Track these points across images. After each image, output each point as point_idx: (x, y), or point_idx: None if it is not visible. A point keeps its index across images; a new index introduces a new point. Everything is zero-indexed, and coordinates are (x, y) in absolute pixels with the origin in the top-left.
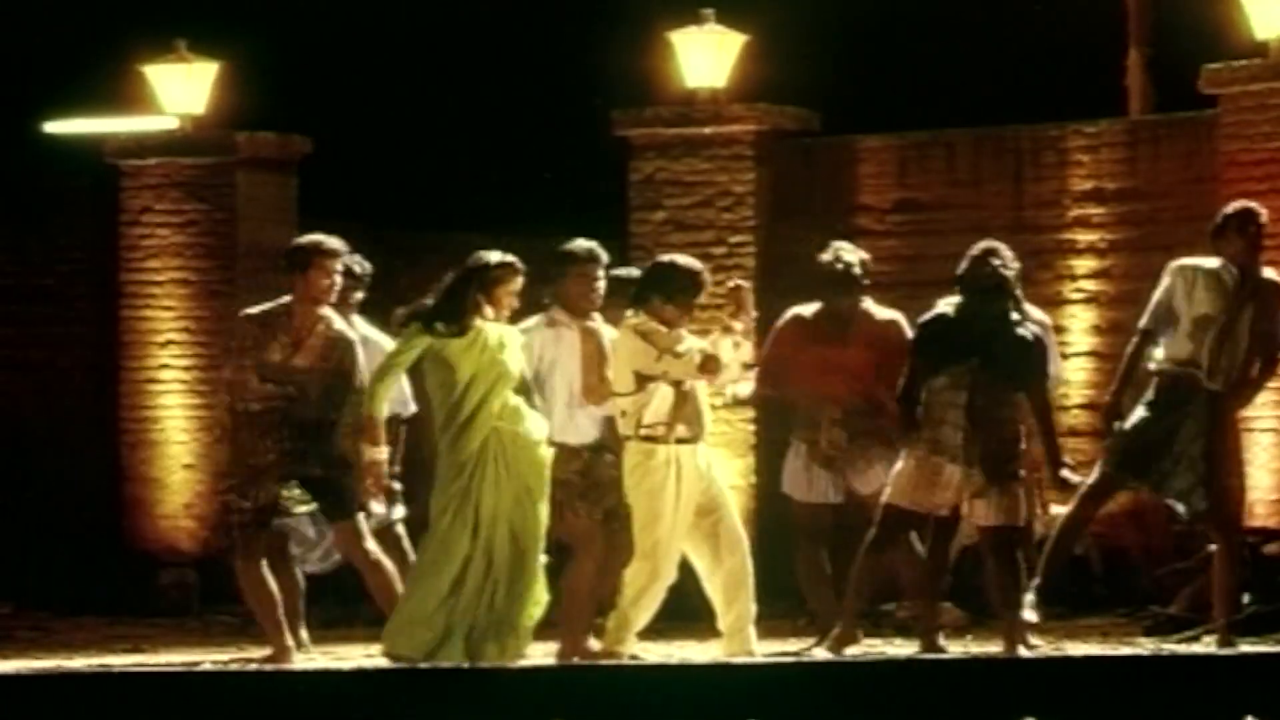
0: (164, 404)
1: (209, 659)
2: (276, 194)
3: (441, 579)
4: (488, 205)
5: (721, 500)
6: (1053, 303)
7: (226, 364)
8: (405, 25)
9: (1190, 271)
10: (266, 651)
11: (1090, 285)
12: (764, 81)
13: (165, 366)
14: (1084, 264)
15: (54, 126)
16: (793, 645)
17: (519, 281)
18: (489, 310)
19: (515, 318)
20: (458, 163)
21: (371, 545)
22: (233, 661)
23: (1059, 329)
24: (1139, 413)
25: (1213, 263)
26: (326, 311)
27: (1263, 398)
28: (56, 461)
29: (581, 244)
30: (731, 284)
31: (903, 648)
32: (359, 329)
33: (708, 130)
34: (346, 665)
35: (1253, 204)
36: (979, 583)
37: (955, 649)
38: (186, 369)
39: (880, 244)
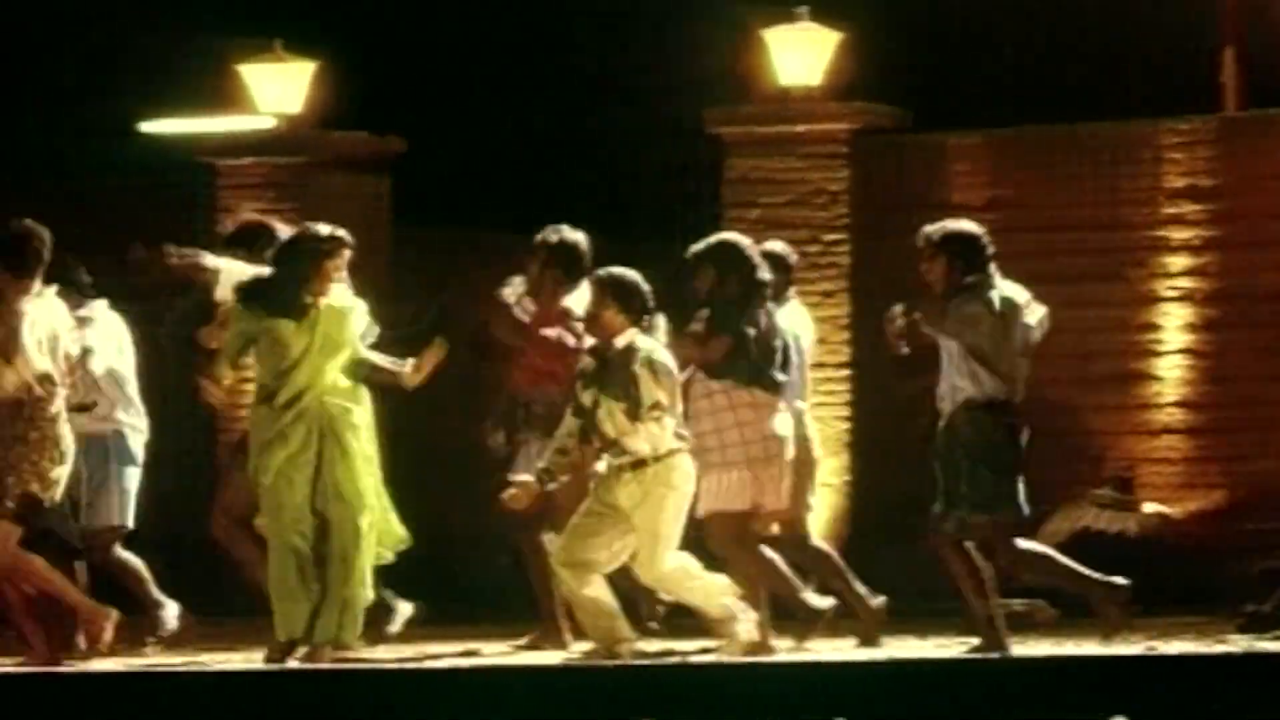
0: None
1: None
2: (370, 194)
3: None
4: (580, 205)
5: None
6: (1146, 300)
7: None
8: (499, 25)
9: None
10: None
11: (1185, 283)
12: (857, 79)
13: None
14: (1178, 261)
15: (150, 125)
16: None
17: (346, 255)
18: (318, 286)
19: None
20: (549, 163)
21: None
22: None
23: (1153, 326)
24: None
25: None
26: None
27: None
28: None
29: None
30: None
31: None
32: None
33: (801, 128)
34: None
35: None
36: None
37: (1047, 647)
38: None
39: None
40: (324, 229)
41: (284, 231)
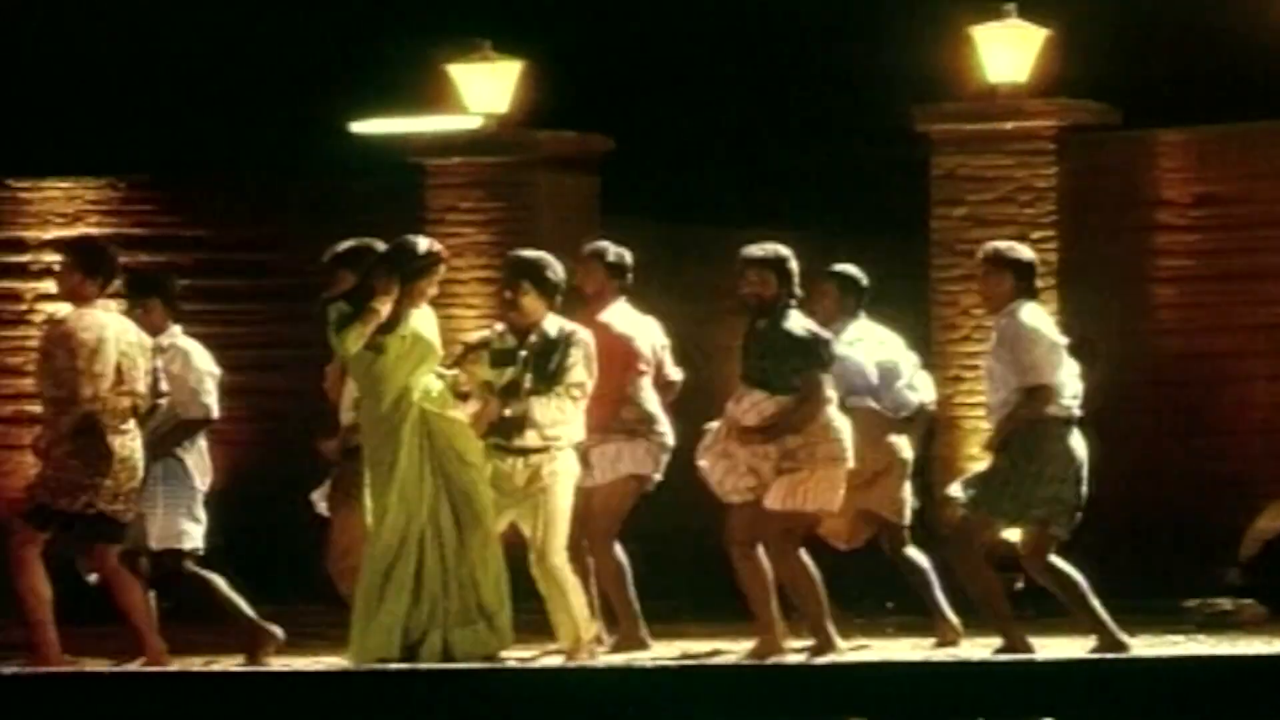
0: None
1: None
2: (577, 193)
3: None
4: (785, 202)
5: None
6: None
7: None
8: (704, 22)
9: None
10: None
11: None
12: (1065, 76)
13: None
14: None
15: (360, 126)
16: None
17: (442, 271)
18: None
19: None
20: (755, 159)
21: None
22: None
23: None
24: None
25: None
26: None
27: None
28: None
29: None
30: None
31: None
32: None
33: (1009, 125)
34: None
35: None
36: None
37: (1258, 644)
38: None
39: (1181, 239)
40: (422, 244)
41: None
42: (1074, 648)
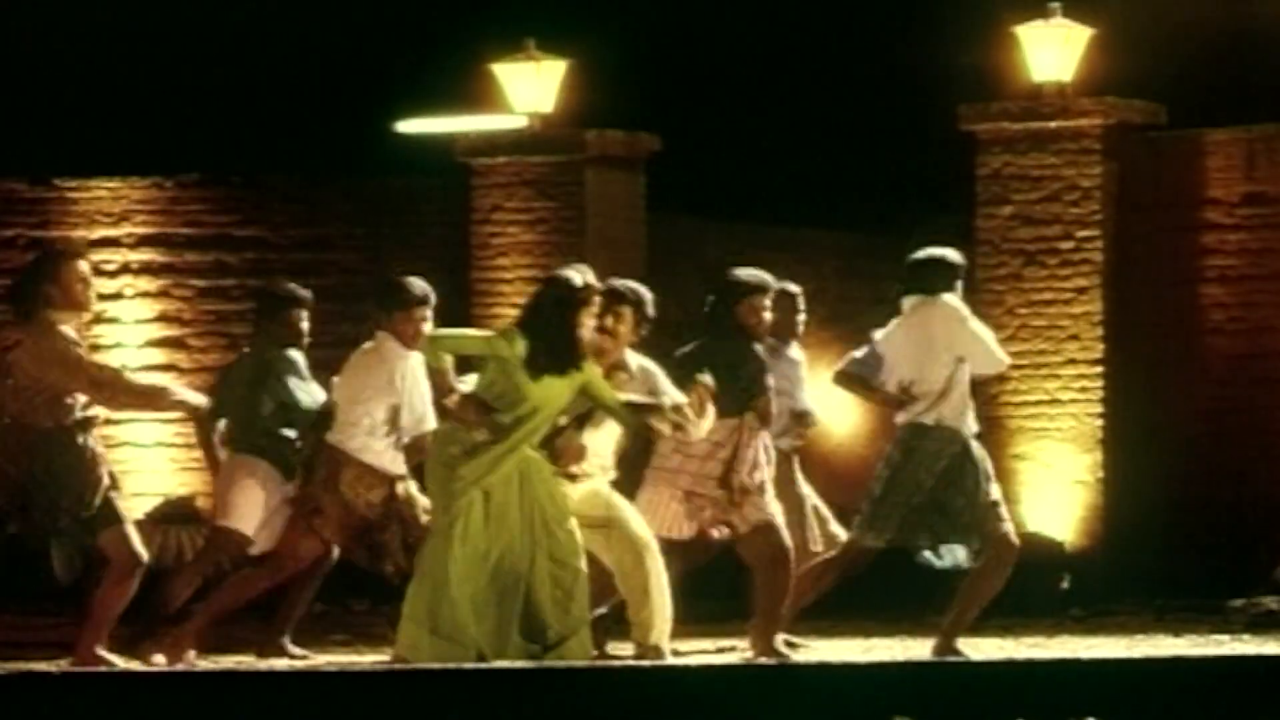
0: None
1: None
2: (624, 191)
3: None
4: (833, 201)
5: None
6: None
7: None
8: (750, 21)
9: None
10: None
11: None
12: (1110, 75)
13: None
14: None
15: (406, 126)
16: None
17: (598, 303)
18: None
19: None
20: (802, 158)
21: None
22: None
23: None
24: None
25: None
26: None
27: None
28: None
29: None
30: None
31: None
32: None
33: (1054, 124)
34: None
35: None
36: None
37: None
38: None
39: (1228, 237)
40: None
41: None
42: (1118, 648)
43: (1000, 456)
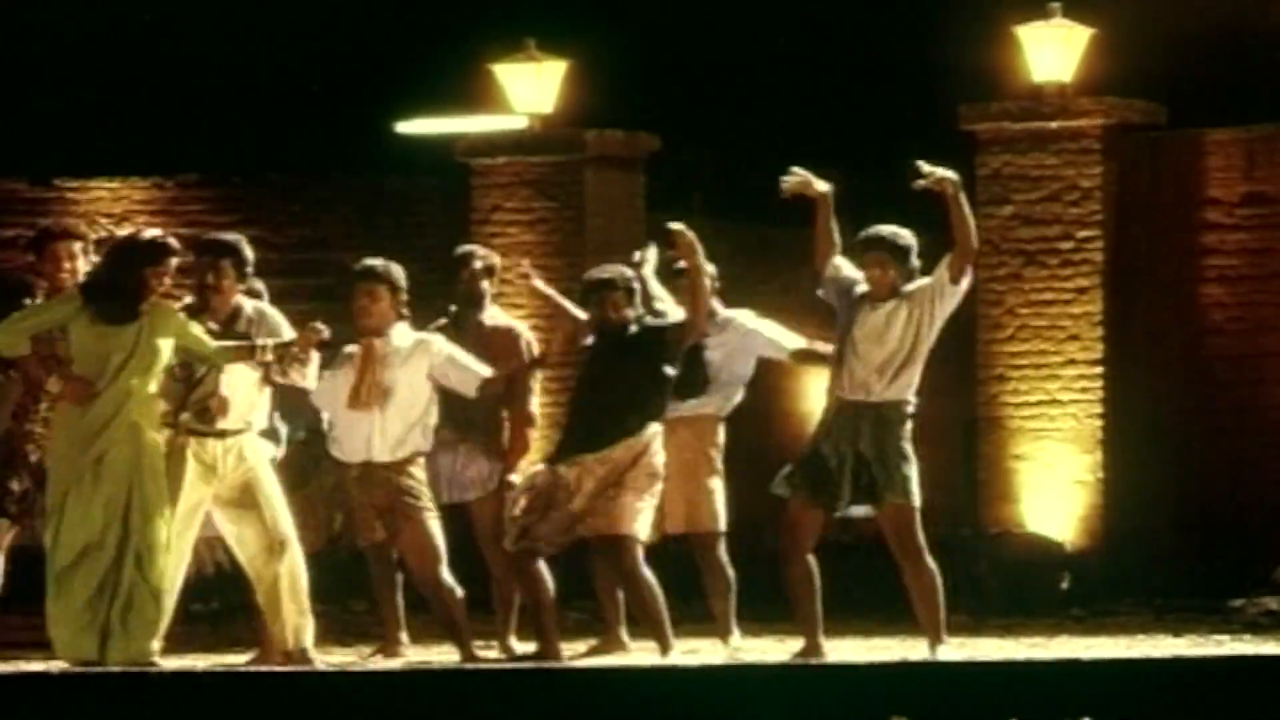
0: None
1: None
2: (624, 191)
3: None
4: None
5: None
6: None
7: None
8: (750, 22)
9: None
10: None
11: None
12: (1110, 75)
13: None
14: None
15: (405, 126)
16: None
17: (173, 263)
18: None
19: None
20: (799, 157)
21: None
22: None
23: None
24: None
25: None
26: None
27: None
28: None
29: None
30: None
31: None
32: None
33: (1054, 124)
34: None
35: None
36: None
37: None
38: None
39: (1228, 237)
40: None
41: None
42: (1118, 648)
43: (1000, 456)
